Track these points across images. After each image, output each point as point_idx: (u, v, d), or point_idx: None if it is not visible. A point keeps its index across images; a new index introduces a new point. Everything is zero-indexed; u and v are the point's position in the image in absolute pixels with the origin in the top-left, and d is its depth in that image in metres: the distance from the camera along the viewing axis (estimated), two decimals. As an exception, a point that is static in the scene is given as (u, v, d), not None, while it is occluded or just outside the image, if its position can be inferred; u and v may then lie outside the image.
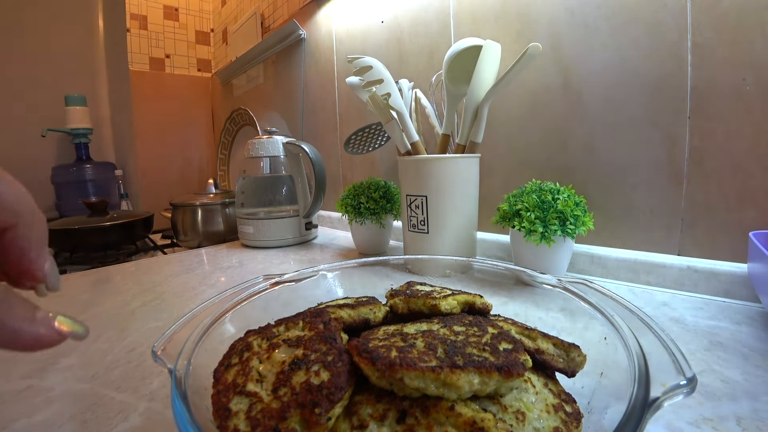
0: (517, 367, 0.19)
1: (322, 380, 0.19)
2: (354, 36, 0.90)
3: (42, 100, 1.27)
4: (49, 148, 1.30)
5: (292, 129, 1.16)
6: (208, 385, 0.21)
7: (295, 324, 0.24)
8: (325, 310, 0.26)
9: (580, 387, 0.24)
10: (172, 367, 0.21)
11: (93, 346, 0.39)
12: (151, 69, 1.54)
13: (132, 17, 1.48)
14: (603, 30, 0.51)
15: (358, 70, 0.53)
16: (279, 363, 0.21)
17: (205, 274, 0.65)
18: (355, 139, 0.72)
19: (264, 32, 1.25)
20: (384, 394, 0.20)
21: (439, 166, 0.53)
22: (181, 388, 0.19)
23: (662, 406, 0.17)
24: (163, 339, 0.24)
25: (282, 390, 0.19)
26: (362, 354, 0.20)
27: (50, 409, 0.29)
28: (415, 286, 0.33)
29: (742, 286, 0.42)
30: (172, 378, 0.20)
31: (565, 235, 0.46)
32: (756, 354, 0.32)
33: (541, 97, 0.58)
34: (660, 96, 0.47)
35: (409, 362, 0.19)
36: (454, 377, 0.18)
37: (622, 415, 0.16)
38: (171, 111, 1.59)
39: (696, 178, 0.46)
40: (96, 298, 0.55)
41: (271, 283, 0.33)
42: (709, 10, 0.43)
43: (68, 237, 0.91)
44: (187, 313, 0.27)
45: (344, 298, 0.33)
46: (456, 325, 0.24)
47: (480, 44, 0.51)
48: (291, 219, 0.83)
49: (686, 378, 0.18)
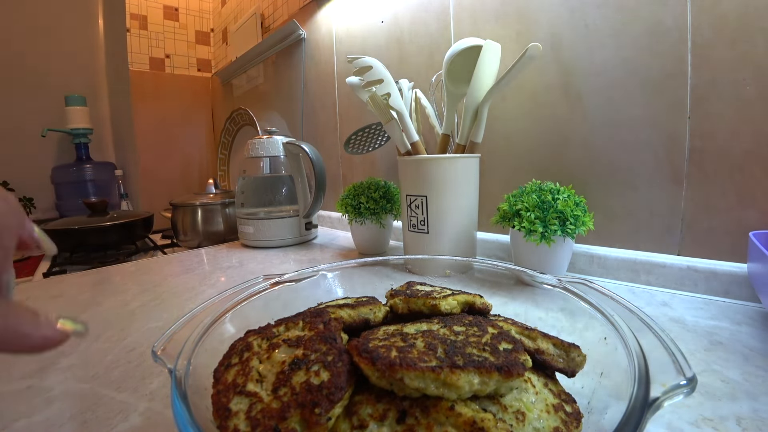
0: (517, 367, 0.19)
1: (322, 380, 0.19)
2: (354, 36, 0.90)
3: (42, 100, 1.27)
4: (49, 148, 1.30)
5: (292, 129, 1.16)
6: (208, 385, 0.21)
7: (295, 324, 0.24)
8: (325, 310, 0.26)
9: (579, 387, 0.24)
10: (172, 367, 0.21)
11: (93, 346, 0.39)
12: (151, 69, 1.54)
13: (132, 17, 1.48)
14: (603, 30, 0.51)
15: (358, 70, 0.53)
16: (279, 363, 0.21)
17: (205, 274, 0.65)
18: (355, 139, 0.72)
19: (264, 32, 1.25)
20: (384, 394, 0.20)
21: (439, 166, 0.53)
22: (181, 388, 0.19)
23: (662, 406, 0.17)
24: (163, 339, 0.24)
25: (282, 390, 0.19)
26: (362, 354, 0.20)
27: (50, 409, 0.29)
28: (415, 286, 0.33)
29: (742, 286, 0.42)
30: (172, 378, 0.20)
31: (565, 235, 0.46)
32: (756, 354, 0.32)
33: (541, 97, 0.58)
34: (660, 96, 0.47)
35: (409, 362, 0.19)
36: (454, 377, 0.18)
37: (622, 415, 0.16)
38: (171, 111, 1.60)
39: (696, 178, 0.46)
40: (96, 298, 0.55)
41: (271, 283, 0.33)
42: (709, 10, 0.43)
43: (68, 237, 0.91)
44: (187, 313, 0.27)
45: (344, 298, 0.33)
46: (456, 325, 0.24)
47: (480, 44, 0.51)
48: (291, 219, 0.83)
49: (686, 378, 0.18)
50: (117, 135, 1.45)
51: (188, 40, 1.63)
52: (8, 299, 0.19)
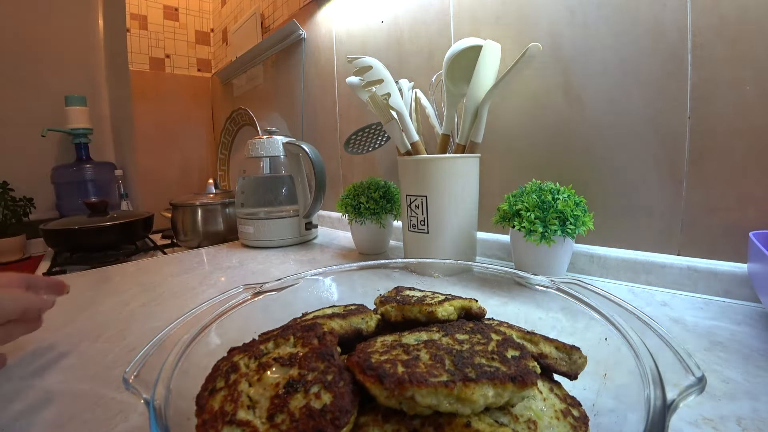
0: (530, 376, 0.18)
1: (324, 403, 0.17)
2: (354, 36, 0.90)
3: (42, 100, 1.27)
4: (49, 148, 1.30)
5: (292, 129, 1.16)
6: (191, 413, 0.18)
7: (286, 339, 0.22)
8: (316, 322, 0.24)
9: (582, 389, 0.24)
10: (148, 397, 0.18)
11: (93, 346, 0.39)
12: (151, 69, 1.54)
13: (132, 17, 1.48)
14: (603, 30, 0.51)
15: (358, 70, 0.53)
16: (272, 385, 0.19)
17: (205, 274, 0.65)
18: (355, 139, 0.72)
19: (264, 32, 1.25)
20: (391, 414, 0.18)
21: (439, 166, 0.53)
22: (162, 422, 0.17)
23: (678, 407, 0.16)
24: (136, 364, 0.21)
25: (279, 417, 0.17)
26: (367, 372, 0.18)
27: (50, 409, 0.29)
28: (404, 291, 0.32)
29: (742, 286, 0.42)
30: (150, 410, 0.17)
31: (565, 235, 0.46)
32: (756, 354, 0.32)
33: (541, 97, 0.58)
34: (660, 96, 0.47)
35: (420, 378, 0.17)
36: (468, 391, 0.17)
37: (646, 421, 0.16)
38: (171, 111, 1.59)
39: (696, 178, 0.46)
40: (96, 298, 0.55)
41: (252, 294, 0.31)
42: (709, 10, 0.43)
43: (68, 237, 0.91)
44: (161, 332, 0.24)
45: (330, 307, 0.31)
46: (458, 333, 0.23)
47: (480, 44, 0.51)
48: (291, 219, 0.83)
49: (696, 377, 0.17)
50: (117, 135, 1.45)
51: (188, 40, 1.63)
52: None
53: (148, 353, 0.22)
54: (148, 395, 0.19)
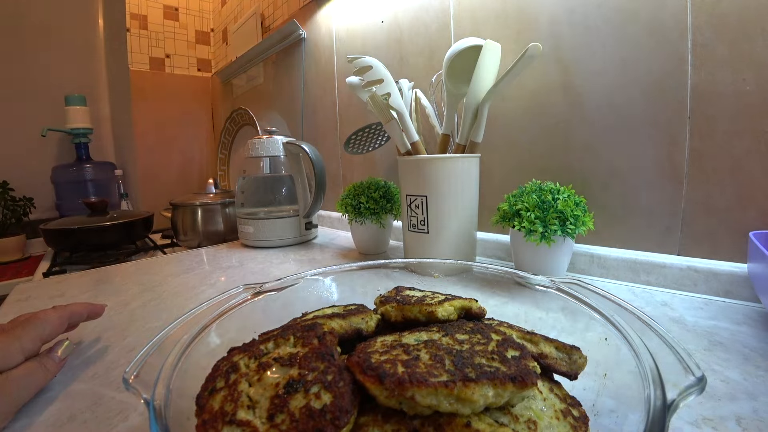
0: (530, 376, 0.18)
1: (324, 403, 0.17)
2: (354, 36, 0.90)
3: (42, 100, 1.27)
4: (49, 148, 1.30)
5: (292, 129, 1.16)
6: (191, 413, 0.18)
7: (285, 339, 0.22)
8: (316, 322, 0.24)
9: (582, 389, 0.24)
10: (148, 397, 0.18)
11: (93, 346, 0.39)
12: (151, 69, 1.54)
13: (132, 17, 1.48)
14: (603, 30, 0.51)
15: (358, 70, 0.53)
16: (272, 385, 0.19)
17: (205, 274, 0.65)
18: (355, 139, 0.72)
19: (264, 32, 1.25)
20: (391, 414, 0.18)
21: (439, 166, 0.53)
22: (161, 422, 0.17)
23: (678, 408, 0.16)
24: (136, 364, 0.21)
25: (279, 417, 0.17)
26: (367, 372, 0.18)
27: (50, 409, 0.29)
28: (404, 291, 0.32)
29: (742, 286, 0.42)
30: (150, 410, 0.17)
31: (565, 235, 0.46)
32: (756, 354, 0.32)
33: (541, 97, 0.58)
34: (660, 96, 0.47)
35: (420, 378, 0.17)
36: (468, 391, 0.17)
37: (646, 421, 0.16)
38: (171, 111, 1.59)
39: (696, 178, 0.46)
40: (96, 298, 0.55)
41: (252, 294, 0.31)
42: (709, 10, 0.43)
43: (68, 237, 0.91)
44: (160, 332, 0.24)
45: (330, 307, 0.31)
46: (458, 333, 0.23)
47: (480, 44, 0.51)
48: (291, 219, 0.83)
49: (696, 377, 0.17)
50: (117, 135, 1.45)
51: (188, 40, 1.63)
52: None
53: (148, 353, 0.22)
54: (148, 395, 0.19)
